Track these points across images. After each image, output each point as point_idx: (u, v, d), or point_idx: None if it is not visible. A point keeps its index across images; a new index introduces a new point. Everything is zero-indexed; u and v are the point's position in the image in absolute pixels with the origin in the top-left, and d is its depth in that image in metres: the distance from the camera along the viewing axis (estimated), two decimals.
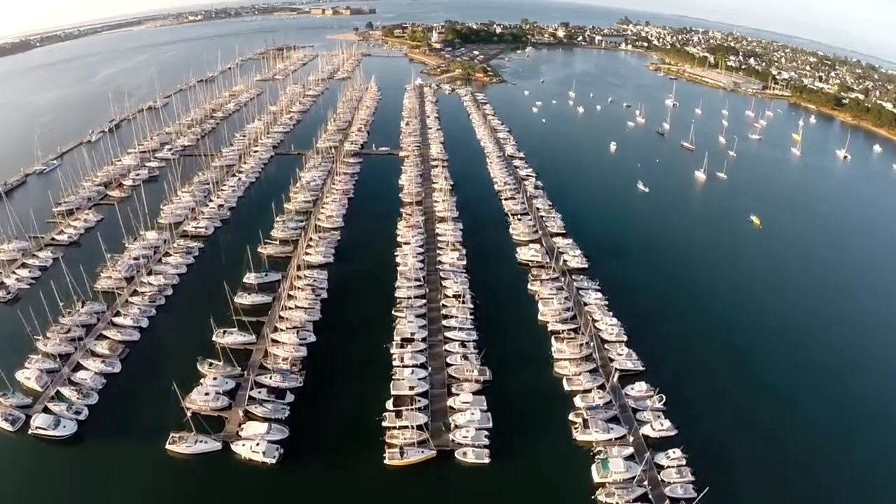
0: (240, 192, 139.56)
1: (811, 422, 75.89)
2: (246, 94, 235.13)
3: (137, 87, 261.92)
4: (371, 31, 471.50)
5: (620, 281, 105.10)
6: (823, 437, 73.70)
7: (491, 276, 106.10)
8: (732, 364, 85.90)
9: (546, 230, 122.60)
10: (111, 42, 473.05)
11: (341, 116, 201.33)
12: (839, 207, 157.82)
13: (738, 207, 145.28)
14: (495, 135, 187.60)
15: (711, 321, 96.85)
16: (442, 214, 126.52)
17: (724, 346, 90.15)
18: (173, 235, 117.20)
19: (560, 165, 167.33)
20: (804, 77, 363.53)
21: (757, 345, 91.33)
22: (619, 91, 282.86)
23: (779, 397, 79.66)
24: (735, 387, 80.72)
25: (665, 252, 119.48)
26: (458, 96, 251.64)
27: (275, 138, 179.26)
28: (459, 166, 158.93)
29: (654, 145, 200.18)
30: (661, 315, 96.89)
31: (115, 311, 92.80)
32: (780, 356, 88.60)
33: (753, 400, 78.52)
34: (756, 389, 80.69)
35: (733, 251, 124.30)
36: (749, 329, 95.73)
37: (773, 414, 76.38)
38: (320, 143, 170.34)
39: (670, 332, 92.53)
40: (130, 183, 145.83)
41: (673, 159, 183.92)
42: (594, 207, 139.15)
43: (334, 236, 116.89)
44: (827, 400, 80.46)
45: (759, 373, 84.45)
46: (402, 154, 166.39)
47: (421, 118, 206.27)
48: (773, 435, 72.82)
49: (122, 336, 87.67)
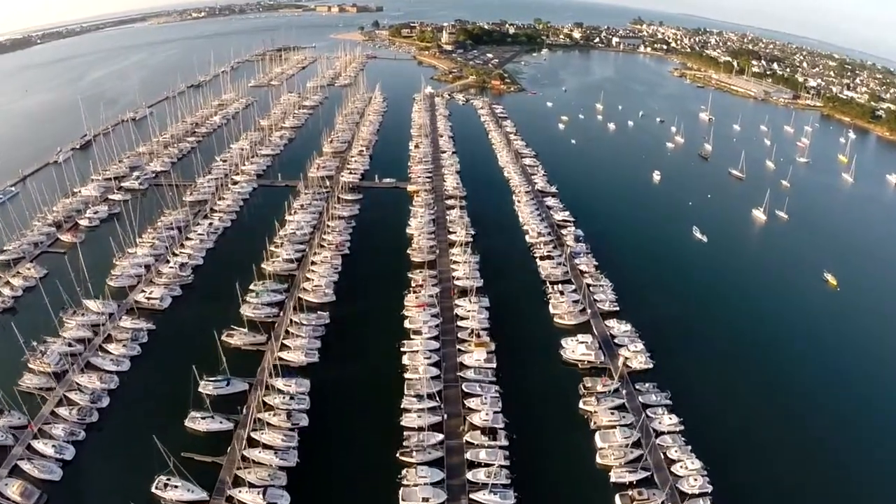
0: (209, 242, 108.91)
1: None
2: (236, 105, 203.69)
3: (122, 93, 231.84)
4: (377, 31, 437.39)
5: (689, 386, 75.96)
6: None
7: (529, 386, 75.95)
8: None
9: (595, 308, 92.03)
10: (111, 39, 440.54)
11: (340, 136, 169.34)
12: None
13: (809, 262, 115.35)
14: (520, 161, 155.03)
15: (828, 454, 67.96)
16: (462, 283, 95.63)
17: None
18: (119, 310, 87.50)
19: (600, 203, 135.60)
20: (831, 84, 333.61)
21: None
22: (648, 102, 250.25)
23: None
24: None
25: (738, 335, 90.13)
26: (473, 108, 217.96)
27: (260, 164, 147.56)
28: (481, 206, 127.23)
29: (700, 173, 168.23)
30: (750, 442, 68.49)
31: (35, 431, 64.69)
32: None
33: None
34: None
35: (813, 322, 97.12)
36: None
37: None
38: (313, 170, 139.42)
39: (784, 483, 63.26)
40: (87, 223, 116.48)
41: (724, 193, 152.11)
42: (649, 269, 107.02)
43: (321, 319, 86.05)
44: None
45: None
46: (410, 188, 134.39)
47: (432, 137, 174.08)
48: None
49: (39, 473, 60.26)
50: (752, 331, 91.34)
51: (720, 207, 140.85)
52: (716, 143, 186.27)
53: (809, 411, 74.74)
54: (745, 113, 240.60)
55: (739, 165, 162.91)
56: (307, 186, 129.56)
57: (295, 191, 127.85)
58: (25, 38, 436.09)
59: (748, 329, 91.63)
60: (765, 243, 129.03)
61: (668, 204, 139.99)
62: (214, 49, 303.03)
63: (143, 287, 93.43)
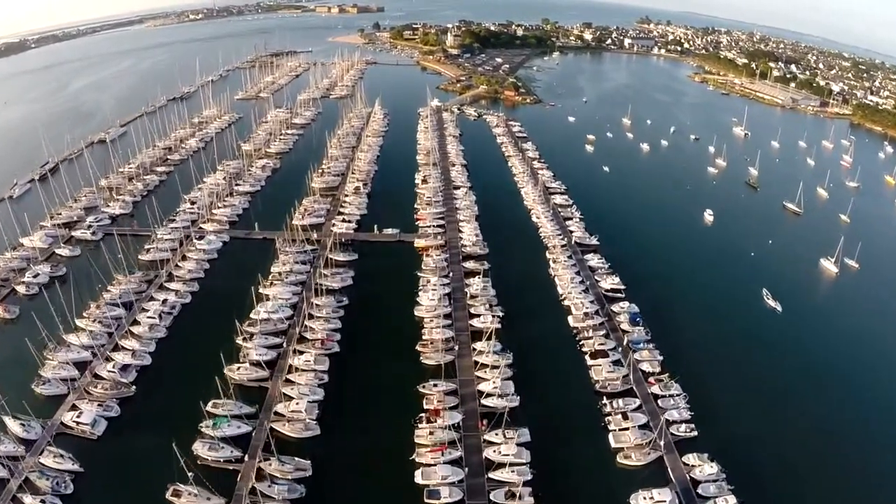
0: (161, 329, 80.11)
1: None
2: (217, 123, 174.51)
3: (99, 108, 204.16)
4: (378, 33, 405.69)
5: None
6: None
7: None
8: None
9: (668, 436, 64.34)
10: (105, 44, 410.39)
11: (332, 166, 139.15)
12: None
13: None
14: (550, 200, 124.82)
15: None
16: (493, 401, 67.51)
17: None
18: (42, 438, 60.95)
19: (650, 259, 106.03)
20: (854, 89, 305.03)
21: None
22: (676, 114, 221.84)
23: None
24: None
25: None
26: (487, 126, 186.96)
27: (235, 208, 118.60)
28: (507, 269, 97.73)
29: (753, 208, 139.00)
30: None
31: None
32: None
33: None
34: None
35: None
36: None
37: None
38: (298, 216, 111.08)
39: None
40: (24, 290, 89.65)
41: (785, 235, 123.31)
42: (723, 362, 78.36)
43: (299, 471, 58.28)
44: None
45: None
46: (418, 244, 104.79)
47: (443, 165, 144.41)
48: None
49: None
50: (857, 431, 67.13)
51: (785, 257, 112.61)
52: (761, 166, 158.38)
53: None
54: (779, 125, 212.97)
55: (796, 199, 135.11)
56: (291, 240, 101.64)
57: (274, 248, 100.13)
58: (20, 43, 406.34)
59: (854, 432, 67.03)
60: (843, 308, 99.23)
61: (727, 256, 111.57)
62: (206, 54, 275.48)
63: (75, 400, 66.97)
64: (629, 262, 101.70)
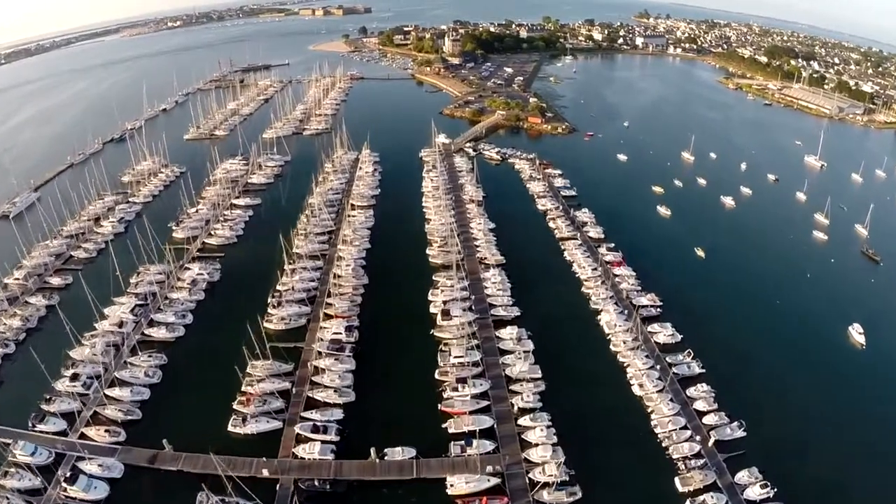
0: None
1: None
2: (150, 187, 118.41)
3: (24, 156, 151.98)
4: (365, 39, 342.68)
5: None
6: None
7: None
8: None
9: None
10: (74, 59, 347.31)
11: (297, 282, 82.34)
12: None
13: None
14: (636, 316, 71.59)
15: None
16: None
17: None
18: None
19: (798, 435, 55.19)
20: (885, 89, 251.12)
21: None
22: (733, 138, 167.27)
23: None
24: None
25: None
26: (517, 176, 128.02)
27: (137, 378, 63.24)
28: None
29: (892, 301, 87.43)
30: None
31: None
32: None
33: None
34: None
35: None
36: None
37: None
38: (237, 417, 58.82)
39: None
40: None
41: None
42: None
43: None
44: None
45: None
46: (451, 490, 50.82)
47: (468, 265, 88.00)
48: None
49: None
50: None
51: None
52: (872, 225, 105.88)
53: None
54: (847, 147, 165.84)
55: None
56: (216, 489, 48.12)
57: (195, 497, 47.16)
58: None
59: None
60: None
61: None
62: (166, 73, 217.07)
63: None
64: (771, 442, 52.55)
